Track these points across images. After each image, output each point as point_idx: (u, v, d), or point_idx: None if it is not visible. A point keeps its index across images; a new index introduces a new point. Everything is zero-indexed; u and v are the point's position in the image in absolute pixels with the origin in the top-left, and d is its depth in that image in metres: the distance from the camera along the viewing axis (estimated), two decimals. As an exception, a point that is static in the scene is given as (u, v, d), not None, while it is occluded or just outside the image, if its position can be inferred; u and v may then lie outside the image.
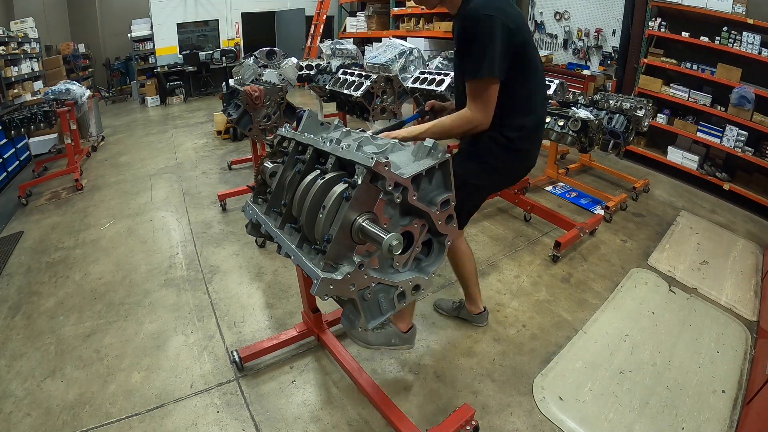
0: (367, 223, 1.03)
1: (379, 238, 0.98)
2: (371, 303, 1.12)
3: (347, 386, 1.82)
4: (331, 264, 1.06)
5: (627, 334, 2.16)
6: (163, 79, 8.26)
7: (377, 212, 1.04)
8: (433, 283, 1.22)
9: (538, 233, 3.10)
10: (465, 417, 1.55)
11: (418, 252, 1.16)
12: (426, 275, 1.16)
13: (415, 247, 1.14)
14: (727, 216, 3.62)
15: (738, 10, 3.64)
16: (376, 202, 1.04)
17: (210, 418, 1.69)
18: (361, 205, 1.03)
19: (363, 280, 1.08)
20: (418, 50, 4.52)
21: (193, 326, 2.20)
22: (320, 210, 1.09)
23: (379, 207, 1.04)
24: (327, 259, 1.05)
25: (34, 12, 7.21)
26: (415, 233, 1.12)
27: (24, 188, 3.89)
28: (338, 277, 1.04)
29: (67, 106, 4.30)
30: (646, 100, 3.40)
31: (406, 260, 1.14)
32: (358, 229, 1.04)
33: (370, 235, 1.01)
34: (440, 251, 1.18)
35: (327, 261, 1.05)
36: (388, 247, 0.96)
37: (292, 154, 1.33)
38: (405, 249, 1.11)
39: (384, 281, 1.11)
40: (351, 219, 1.03)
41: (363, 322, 1.11)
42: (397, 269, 1.14)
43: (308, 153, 1.26)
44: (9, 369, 1.95)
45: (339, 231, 1.02)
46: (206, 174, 4.26)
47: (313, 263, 1.09)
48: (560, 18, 5.56)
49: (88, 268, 2.74)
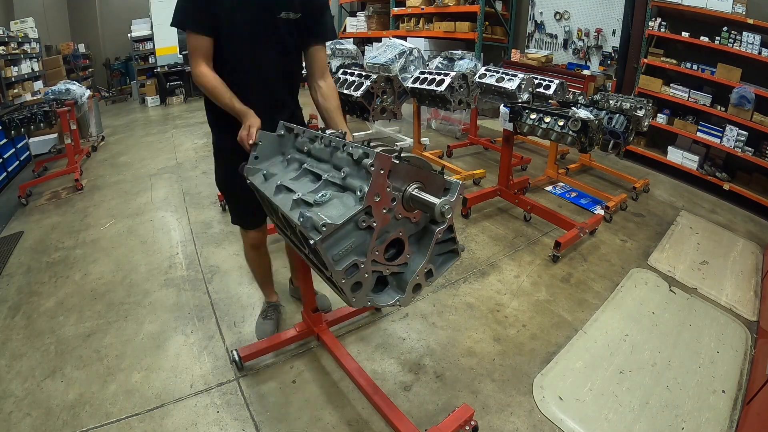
0: (416, 190, 1.05)
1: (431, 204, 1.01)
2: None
3: (347, 386, 1.82)
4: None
5: (627, 334, 2.16)
6: (163, 79, 8.25)
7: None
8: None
9: (538, 233, 3.10)
10: (464, 417, 1.55)
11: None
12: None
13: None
14: (727, 216, 3.62)
15: (738, 10, 3.64)
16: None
17: (210, 418, 1.69)
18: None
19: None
20: (418, 50, 4.52)
21: (193, 326, 2.20)
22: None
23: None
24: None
25: (34, 12, 7.21)
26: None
27: (24, 188, 3.89)
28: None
29: (67, 106, 4.29)
30: (646, 100, 3.41)
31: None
32: (409, 198, 1.05)
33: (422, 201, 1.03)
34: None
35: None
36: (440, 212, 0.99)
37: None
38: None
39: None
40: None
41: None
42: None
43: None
44: (9, 369, 1.95)
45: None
46: (206, 174, 4.26)
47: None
48: (560, 18, 5.56)
49: (88, 268, 2.74)
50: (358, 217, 1.00)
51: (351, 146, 1.13)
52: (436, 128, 5.78)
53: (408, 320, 2.21)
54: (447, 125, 5.66)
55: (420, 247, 1.15)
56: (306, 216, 1.00)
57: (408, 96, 3.39)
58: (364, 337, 2.10)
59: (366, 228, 1.03)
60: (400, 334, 2.12)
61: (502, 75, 3.69)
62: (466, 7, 5.98)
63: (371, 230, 1.03)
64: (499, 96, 3.70)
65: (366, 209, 1.00)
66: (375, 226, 1.03)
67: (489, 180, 3.95)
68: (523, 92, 3.55)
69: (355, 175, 1.09)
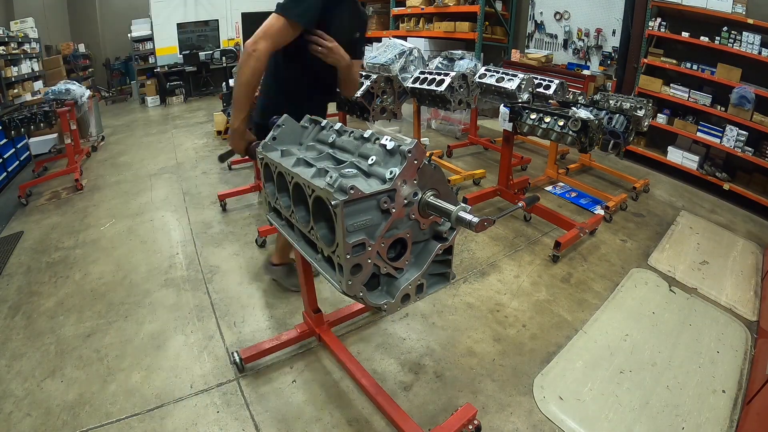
0: (433, 198, 1.08)
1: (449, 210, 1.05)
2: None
3: (348, 386, 1.82)
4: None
5: (627, 334, 2.16)
6: (163, 79, 8.25)
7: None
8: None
9: (538, 233, 3.10)
10: (467, 416, 1.55)
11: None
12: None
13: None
14: (727, 216, 3.62)
15: (738, 10, 3.64)
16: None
17: (210, 418, 1.69)
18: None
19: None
20: (418, 50, 4.52)
21: (193, 326, 2.20)
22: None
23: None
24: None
25: (34, 12, 7.20)
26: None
27: (24, 188, 3.89)
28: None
29: (67, 106, 4.29)
30: (646, 100, 3.41)
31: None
32: (425, 204, 1.09)
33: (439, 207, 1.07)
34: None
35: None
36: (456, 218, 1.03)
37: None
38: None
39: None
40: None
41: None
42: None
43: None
44: (9, 369, 1.95)
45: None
46: (206, 174, 4.26)
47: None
48: (560, 18, 5.57)
49: (88, 268, 2.74)
50: (381, 197, 1.03)
51: (384, 138, 1.15)
52: (436, 128, 5.78)
53: (408, 320, 2.21)
54: (447, 125, 5.66)
55: (418, 261, 1.17)
56: (334, 176, 1.03)
57: (408, 96, 3.38)
58: (365, 337, 2.10)
59: (384, 212, 1.05)
60: (400, 334, 2.12)
61: (502, 75, 3.69)
62: (466, 7, 5.98)
63: (387, 215, 1.05)
64: (499, 96, 3.70)
65: (390, 192, 1.03)
66: (393, 212, 1.05)
67: (489, 180, 3.95)
68: (523, 92, 3.55)
69: (383, 163, 1.11)
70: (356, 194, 0.98)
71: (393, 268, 1.13)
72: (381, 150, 1.13)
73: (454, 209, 1.03)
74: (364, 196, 1.00)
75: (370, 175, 1.11)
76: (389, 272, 1.13)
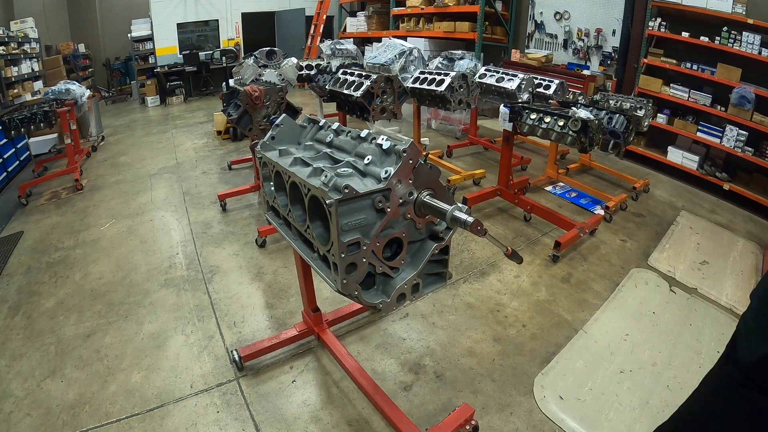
0: (428, 198, 1.09)
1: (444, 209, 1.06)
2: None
3: (347, 386, 1.81)
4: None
5: (627, 333, 2.16)
6: (163, 79, 8.26)
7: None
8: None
9: (538, 233, 3.10)
10: (464, 416, 1.55)
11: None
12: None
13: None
14: (727, 216, 3.62)
15: (738, 10, 3.64)
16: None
17: (210, 418, 1.69)
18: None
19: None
20: (418, 50, 4.52)
21: (193, 326, 2.20)
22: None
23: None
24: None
25: (34, 12, 7.20)
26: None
27: (24, 188, 3.89)
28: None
29: (67, 106, 4.29)
30: (646, 100, 3.41)
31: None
32: (421, 204, 1.10)
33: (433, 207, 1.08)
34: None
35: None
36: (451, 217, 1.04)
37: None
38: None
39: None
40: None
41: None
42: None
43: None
44: (9, 369, 1.95)
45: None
46: (206, 174, 4.26)
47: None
48: (560, 18, 5.56)
49: (88, 268, 2.74)
50: (376, 196, 1.03)
51: (381, 138, 1.16)
52: (436, 128, 5.78)
53: (408, 320, 2.21)
54: (447, 125, 5.66)
55: (414, 261, 1.18)
56: (329, 176, 1.04)
57: (408, 96, 3.38)
58: (364, 337, 2.10)
59: (379, 211, 1.05)
60: (400, 334, 2.12)
61: (502, 75, 3.69)
62: (466, 7, 5.99)
63: (382, 215, 1.05)
64: (499, 96, 3.70)
65: (385, 191, 1.04)
66: (388, 211, 1.05)
67: (489, 180, 3.95)
68: (523, 92, 3.55)
69: (379, 163, 1.12)
70: (351, 193, 0.99)
71: (389, 267, 1.13)
72: (377, 149, 1.14)
73: (450, 209, 1.03)
74: (358, 195, 1.01)
75: (365, 174, 1.11)
76: (385, 271, 1.13)
